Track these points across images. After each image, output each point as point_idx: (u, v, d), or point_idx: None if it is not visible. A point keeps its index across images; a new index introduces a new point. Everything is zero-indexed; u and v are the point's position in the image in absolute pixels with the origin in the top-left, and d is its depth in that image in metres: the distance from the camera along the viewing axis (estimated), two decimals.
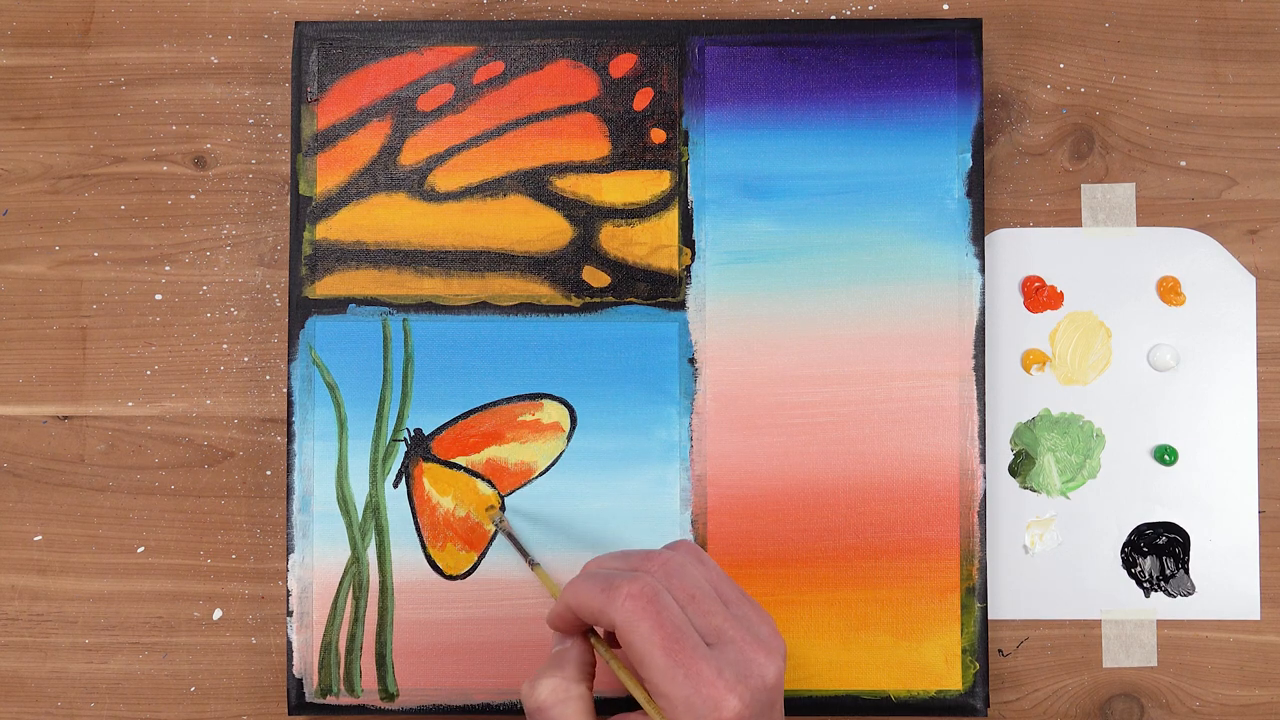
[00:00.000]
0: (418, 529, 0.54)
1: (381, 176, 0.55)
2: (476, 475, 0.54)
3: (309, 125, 0.55)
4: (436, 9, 0.57)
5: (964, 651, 0.53)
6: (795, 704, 0.53)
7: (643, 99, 0.55)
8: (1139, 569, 0.55)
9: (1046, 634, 0.55)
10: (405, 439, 0.54)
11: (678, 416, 0.54)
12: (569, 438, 0.54)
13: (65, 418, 0.56)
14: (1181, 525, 0.55)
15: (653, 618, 0.41)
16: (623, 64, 0.55)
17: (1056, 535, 0.55)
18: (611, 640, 0.47)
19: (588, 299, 0.54)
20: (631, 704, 0.46)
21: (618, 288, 0.54)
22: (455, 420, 0.54)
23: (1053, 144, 0.56)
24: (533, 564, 0.52)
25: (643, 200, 0.54)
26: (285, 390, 0.55)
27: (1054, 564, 0.55)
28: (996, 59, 0.56)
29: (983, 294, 0.54)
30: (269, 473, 0.56)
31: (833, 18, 0.56)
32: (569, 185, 0.55)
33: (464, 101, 0.55)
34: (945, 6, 0.56)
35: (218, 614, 0.55)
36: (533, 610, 0.53)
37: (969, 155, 0.54)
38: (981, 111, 0.54)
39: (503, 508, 0.53)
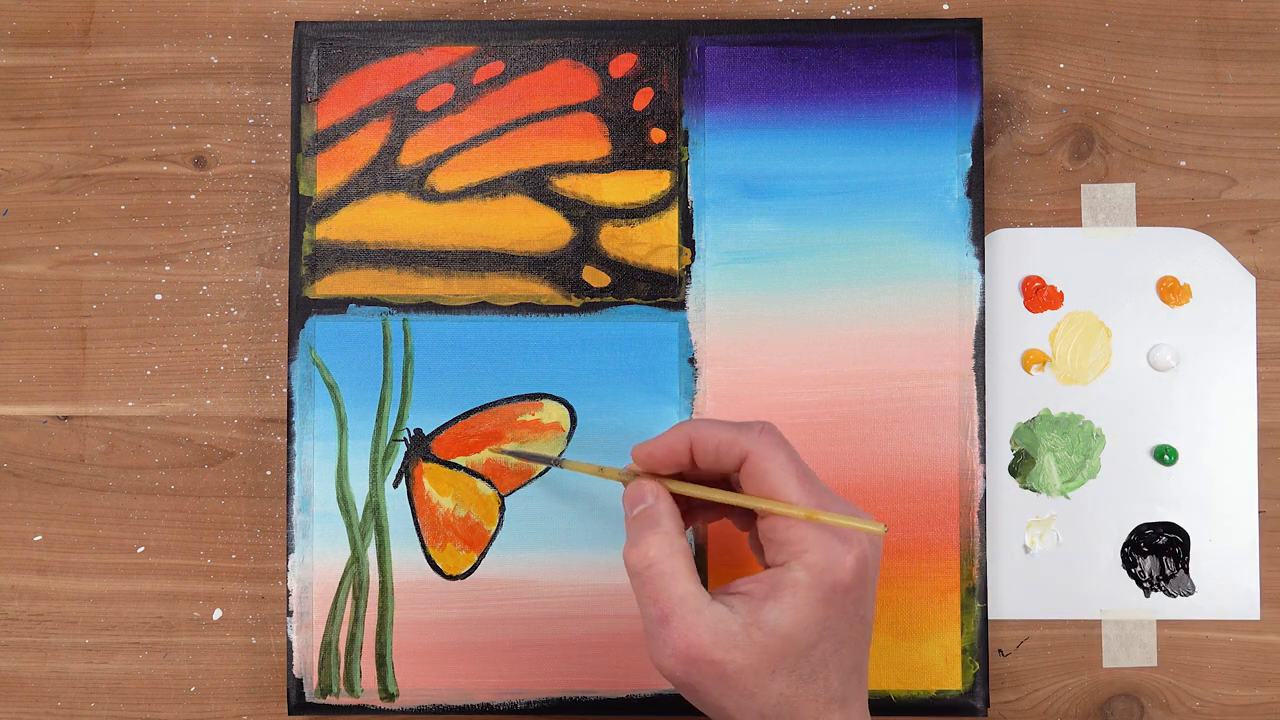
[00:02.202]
0: (418, 529, 0.54)
1: (381, 176, 0.55)
2: (476, 475, 0.54)
3: (309, 125, 0.55)
4: (436, 9, 0.57)
5: (964, 651, 0.53)
6: None
7: (643, 99, 0.55)
8: (1139, 569, 0.55)
9: (1046, 634, 0.55)
10: (405, 439, 0.54)
11: (678, 416, 0.54)
12: (569, 438, 0.54)
13: (65, 418, 0.56)
14: (1181, 525, 0.55)
15: (786, 451, 0.43)
16: (623, 64, 0.55)
17: (1056, 535, 0.55)
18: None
19: (588, 299, 0.54)
20: None
21: (618, 288, 0.54)
22: (455, 420, 0.54)
23: (1053, 144, 0.56)
24: (559, 461, 0.50)
25: (643, 200, 0.54)
26: (285, 390, 0.55)
27: (1054, 564, 0.55)
28: (996, 59, 0.56)
29: (983, 294, 0.54)
30: (269, 473, 0.56)
31: (833, 18, 0.56)
32: (569, 185, 0.55)
33: (464, 101, 0.55)
34: (945, 6, 0.56)
35: (218, 614, 0.55)
36: (533, 610, 0.53)
37: (969, 155, 0.54)
38: (981, 111, 0.54)
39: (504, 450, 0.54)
